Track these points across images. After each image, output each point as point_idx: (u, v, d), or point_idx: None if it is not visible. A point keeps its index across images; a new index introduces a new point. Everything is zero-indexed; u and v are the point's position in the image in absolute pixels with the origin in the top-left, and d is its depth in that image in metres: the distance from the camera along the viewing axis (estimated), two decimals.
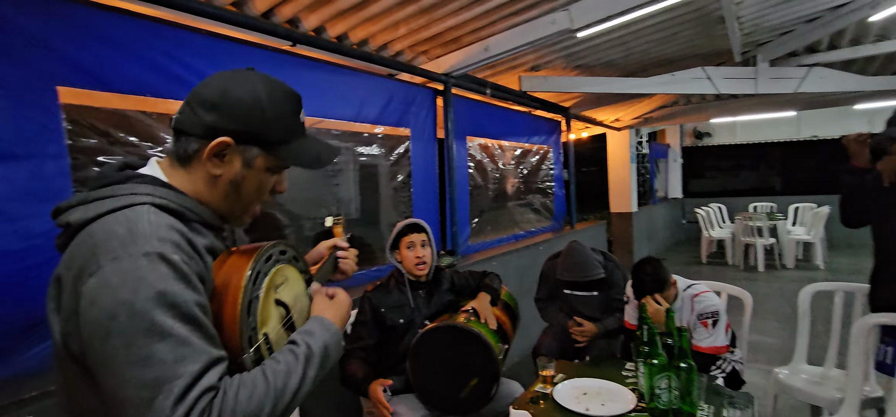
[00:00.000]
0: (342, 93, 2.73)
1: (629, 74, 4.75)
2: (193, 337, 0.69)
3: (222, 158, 0.81)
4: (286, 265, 0.93)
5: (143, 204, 0.74)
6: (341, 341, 0.90)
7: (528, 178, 5.00)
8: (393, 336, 2.15)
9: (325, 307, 0.94)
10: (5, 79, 1.49)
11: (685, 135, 10.69)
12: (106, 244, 0.69)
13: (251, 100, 0.80)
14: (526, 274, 4.20)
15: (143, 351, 0.65)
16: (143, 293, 0.66)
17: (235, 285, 0.79)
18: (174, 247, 0.71)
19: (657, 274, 2.13)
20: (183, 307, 0.68)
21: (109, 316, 0.65)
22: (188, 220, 0.80)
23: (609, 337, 2.72)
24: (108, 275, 0.66)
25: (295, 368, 0.78)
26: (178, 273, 0.69)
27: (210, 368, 0.69)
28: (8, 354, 1.52)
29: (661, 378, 1.55)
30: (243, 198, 0.87)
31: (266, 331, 0.84)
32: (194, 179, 0.83)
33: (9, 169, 1.49)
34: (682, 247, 9.43)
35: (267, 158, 0.84)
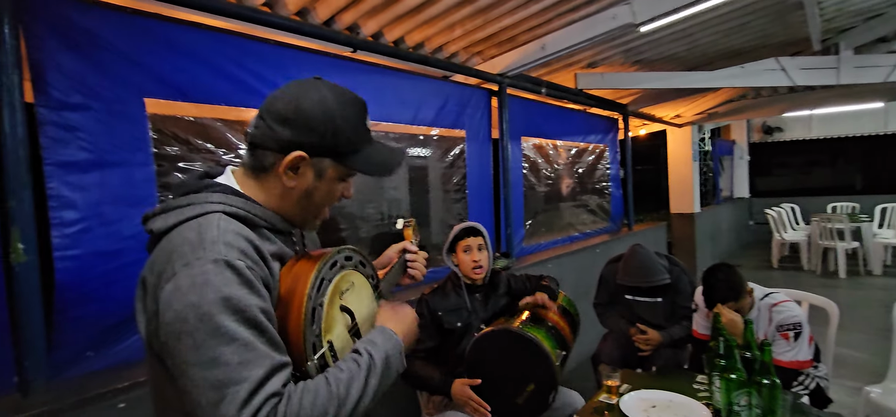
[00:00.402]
0: (400, 97, 2.77)
1: (693, 68, 4.50)
2: (257, 341, 0.71)
3: (296, 171, 0.84)
4: (352, 271, 0.94)
5: (215, 212, 0.78)
6: (403, 353, 0.89)
7: (583, 178, 4.86)
8: (450, 339, 2.15)
9: (389, 317, 0.94)
10: (100, 92, 1.62)
11: (753, 131, 10.02)
12: (180, 250, 0.73)
13: (322, 114, 0.82)
14: (582, 278, 4.08)
15: (210, 353, 0.68)
16: (209, 297, 0.69)
17: (299, 292, 0.80)
18: (240, 254, 0.74)
19: (731, 281, 2.00)
20: (246, 312, 0.71)
21: (180, 318, 0.69)
22: (257, 226, 0.83)
23: (675, 347, 2.59)
24: (180, 280, 0.70)
25: (357, 377, 0.78)
26: (242, 278, 0.72)
27: (274, 374, 0.71)
28: (103, 347, 1.65)
29: (741, 395, 1.45)
30: (315, 205, 0.89)
31: (330, 339, 0.84)
32: (268, 189, 0.86)
33: (104, 175, 1.62)
34: (750, 251, 8.84)
35: (338, 168, 0.86)
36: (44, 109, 1.51)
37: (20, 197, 1.41)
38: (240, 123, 2.07)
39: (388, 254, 1.21)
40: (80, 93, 1.57)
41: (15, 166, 1.40)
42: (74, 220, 1.56)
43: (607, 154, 5.18)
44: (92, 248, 1.59)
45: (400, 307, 0.99)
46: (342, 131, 0.83)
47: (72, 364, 1.60)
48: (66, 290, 1.54)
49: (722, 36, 3.84)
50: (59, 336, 1.55)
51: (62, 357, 1.57)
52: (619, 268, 2.68)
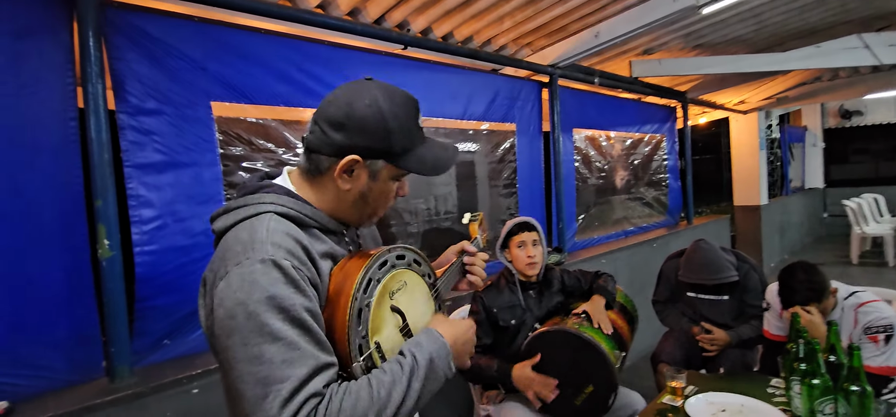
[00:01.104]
0: (450, 92, 2.77)
1: (761, 50, 4.20)
2: (302, 341, 0.71)
3: (351, 174, 0.84)
4: (405, 269, 0.93)
5: (267, 212, 0.80)
6: (451, 356, 0.86)
7: (638, 170, 4.67)
8: (505, 337, 2.13)
9: (441, 320, 0.92)
10: (172, 97, 1.73)
11: (828, 115, 9.23)
12: (233, 249, 0.76)
13: (375, 117, 0.82)
14: (637, 273, 3.93)
15: (256, 350, 0.69)
16: (256, 295, 0.70)
17: (346, 293, 0.80)
18: (286, 253, 0.75)
19: (813, 281, 1.84)
20: (291, 311, 0.71)
21: (230, 315, 0.71)
22: (307, 227, 0.84)
23: (743, 348, 2.43)
24: (231, 279, 0.72)
25: (399, 380, 0.77)
26: (288, 278, 0.73)
27: (317, 373, 0.71)
28: (178, 335, 1.77)
29: (826, 403, 1.34)
30: (370, 206, 0.90)
31: (378, 339, 0.84)
32: (323, 191, 0.87)
33: (176, 175, 1.73)
34: (824, 245, 8.18)
35: (391, 168, 0.86)
36: (123, 115, 1.63)
37: (105, 197, 1.53)
38: (297, 123, 2.14)
39: (447, 255, 1.19)
40: (155, 99, 1.68)
41: (101, 169, 1.52)
42: (152, 218, 1.67)
43: (664, 144, 4.95)
44: (167, 244, 1.70)
45: (457, 317, 0.99)
46: (395, 133, 0.83)
47: (151, 352, 1.72)
48: (145, 282, 1.66)
49: (795, 14, 3.55)
50: (140, 325, 1.68)
51: (143, 344, 1.70)
52: (681, 264, 2.55)
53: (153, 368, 1.68)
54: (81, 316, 1.56)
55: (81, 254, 1.56)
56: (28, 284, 1.46)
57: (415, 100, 0.89)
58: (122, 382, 1.55)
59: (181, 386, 1.61)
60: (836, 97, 6.78)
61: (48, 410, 1.41)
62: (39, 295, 1.48)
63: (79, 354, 1.56)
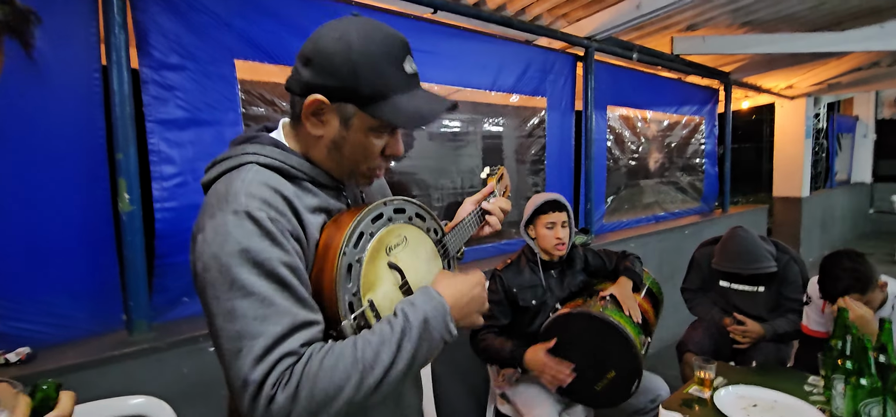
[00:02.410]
0: (479, 61, 2.67)
1: (816, 30, 3.91)
2: (277, 296, 0.67)
3: (320, 117, 0.76)
4: (405, 224, 0.85)
5: (248, 163, 0.75)
6: (448, 317, 0.77)
7: (674, 153, 4.47)
8: (524, 317, 2.06)
9: (442, 278, 0.83)
10: (195, 53, 1.69)
11: (883, 105, 8.66)
12: (209, 202, 0.72)
13: (341, 52, 0.72)
14: (667, 260, 3.79)
15: (229, 305, 0.66)
16: (228, 248, 0.66)
17: (334, 247, 0.74)
18: (261, 204, 0.69)
19: (858, 270, 1.71)
20: (266, 264, 0.67)
21: (206, 268, 0.68)
22: (295, 178, 0.78)
23: (778, 343, 2.30)
24: (206, 232, 0.69)
25: (388, 340, 0.70)
26: (262, 230, 0.68)
27: (294, 332, 0.67)
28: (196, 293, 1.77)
29: (873, 404, 1.23)
30: (347, 159, 0.80)
31: (372, 297, 0.77)
32: (301, 138, 0.81)
33: (199, 132, 1.71)
34: (869, 242, 7.74)
35: (364, 117, 0.76)
36: (146, 69, 1.60)
37: (127, 151, 1.52)
38: None
39: (465, 208, 1.10)
40: (178, 54, 1.65)
41: (122, 122, 1.51)
42: (172, 174, 1.66)
43: (703, 127, 4.71)
44: (188, 201, 1.69)
45: (464, 272, 0.88)
46: (364, 73, 0.72)
47: (170, 308, 1.74)
48: (164, 239, 1.66)
49: None
50: (159, 281, 1.69)
51: (162, 300, 1.71)
52: (716, 251, 2.42)
53: (171, 324, 1.70)
54: (102, 268, 1.57)
55: (103, 207, 1.56)
56: (51, 232, 1.48)
57: (401, 39, 0.77)
58: (140, 336, 1.57)
59: (197, 344, 1.62)
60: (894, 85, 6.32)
61: (68, 359, 1.43)
62: (61, 245, 1.50)
63: (99, 306, 1.58)
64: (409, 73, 0.78)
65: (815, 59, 4.47)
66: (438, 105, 0.80)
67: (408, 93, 0.78)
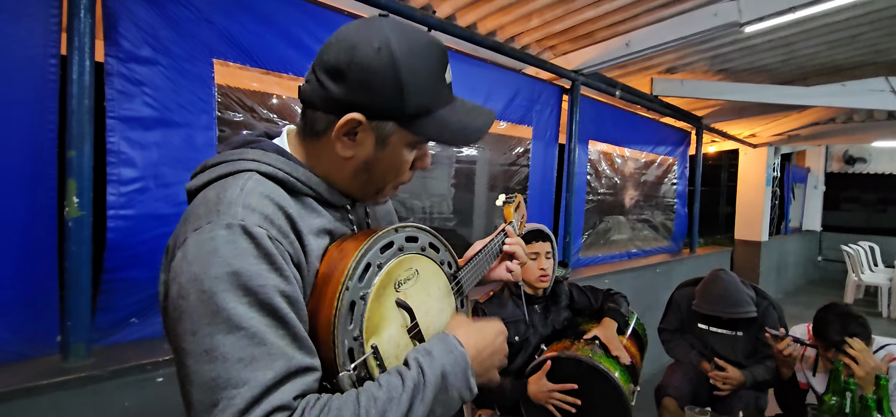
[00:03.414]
0: (469, 84, 2.60)
1: (784, 82, 4.10)
2: (270, 333, 0.55)
3: (353, 137, 0.66)
4: (417, 255, 0.74)
5: (247, 170, 0.63)
6: (470, 372, 0.66)
7: (648, 192, 4.54)
8: None
9: (461, 323, 0.73)
10: (170, 48, 1.53)
11: (831, 159, 9.23)
12: (195, 212, 0.60)
13: (385, 66, 0.62)
14: (639, 297, 3.78)
15: (207, 342, 0.53)
16: (214, 269, 0.54)
17: (336, 278, 0.62)
18: (262, 219, 0.58)
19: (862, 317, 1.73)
20: (260, 292, 0.55)
21: (182, 295, 0.55)
22: (299, 193, 0.66)
23: (756, 390, 2.29)
24: (188, 248, 0.56)
25: (397, 398, 0.59)
26: (260, 250, 0.56)
27: (288, 379, 0.55)
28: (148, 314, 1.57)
29: None
30: (377, 179, 0.71)
31: (376, 341, 0.65)
32: (320, 156, 0.69)
33: (166, 134, 1.53)
34: (817, 289, 8.12)
35: (405, 134, 0.67)
36: (113, 59, 1.43)
37: (81, 149, 1.34)
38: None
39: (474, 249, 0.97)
40: (150, 47, 1.49)
41: (79, 115, 1.33)
42: (132, 178, 1.47)
43: (676, 168, 4.83)
44: (146, 210, 1.50)
45: (483, 319, 0.78)
46: (410, 88, 0.63)
47: (116, 329, 1.53)
48: (116, 251, 1.46)
49: (825, 48, 3.44)
50: (105, 298, 1.48)
51: (106, 321, 1.50)
52: (697, 293, 2.40)
53: (114, 349, 1.48)
54: (37, 280, 1.36)
55: (46, 211, 1.36)
56: None
57: (442, 47, 0.68)
58: (76, 362, 1.35)
59: (145, 373, 1.41)
60: (846, 140, 6.75)
61: None
62: None
63: (30, 324, 1.36)
64: (448, 84, 0.70)
65: (781, 111, 4.69)
66: (484, 118, 0.71)
67: (450, 106, 0.69)
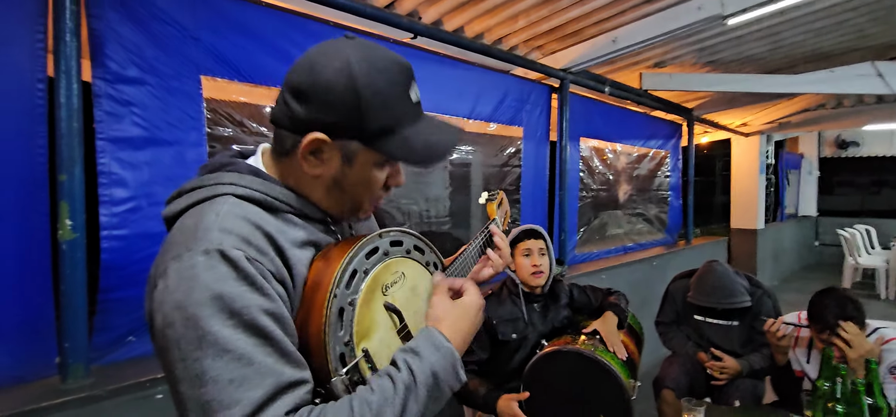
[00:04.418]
0: (458, 89, 2.62)
1: (772, 71, 4.13)
2: (258, 353, 0.57)
3: (319, 156, 0.68)
4: (402, 258, 0.76)
5: (225, 194, 0.64)
6: (458, 366, 0.68)
7: (641, 186, 4.56)
8: (504, 351, 1.97)
9: (443, 314, 0.73)
10: (157, 67, 1.55)
11: (824, 144, 9.27)
12: (174, 241, 0.61)
13: (344, 86, 0.63)
14: (636, 291, 3.80)
15: (197, 367, 0.55)
16: (196, 296, 0.56)
17: (323, 289, 0.64)
18: (239, 241, 0.59)
19: (857, 301, 1.75)
20: (244, 313, 0.57)
21: (167, 323, 0.57)
22: (278, 211, 0.68)
23: (753, 378, 2.31)
24: (169, 277, 0.58)
25: (390, 400, 0.60)
26: (239, 273, 0.58)
27: (279, 395, 0.56)
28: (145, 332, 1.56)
29: None
30: (349, 196, 0.72)
31: (367, 345, 0.67)
32: (292, 174, 0.71)
33: (157, 153, 1.55)
34: (814, 273, 8.17)
35: (370, 153, 0.68)
36: (100, 81, 1.44)
37: (72, 172, 1.35)
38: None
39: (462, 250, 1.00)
40: (138, 67, 1.50)
41: (68, 139, 1.34)
42: (124, 199, 1.49)
43: (668, 161, 4.85)
44: (139, 229, 1.52)
45: (462, 286, 0.78)
46: (371, 107, 0.64)
47: (113, 349, 1.54)
48: (111, 271, 1.47)
49: (811, 36, 3.47)
50: (102, 318, 1.49)
51: (104, 340, 1.51)
52: (692, 285, 2.42)
53: (113, 368, 1.49)
54: (33, 304, 1.37)
55: (39, 234, 1.37)
56: None
57: (406, 65, 0.69)
58: (75, 382, 1.36)
59: (144, 390, 1.42)
60: (837, 126, 6.79)
61: None
62: None
63: (27, 348, 1.37)
64: (414, 102, 0.70)
65: (772, 99, 4.72)
66: (449, 135, 0.72)
67: (415, 125, 0.69)
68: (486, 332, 1.97)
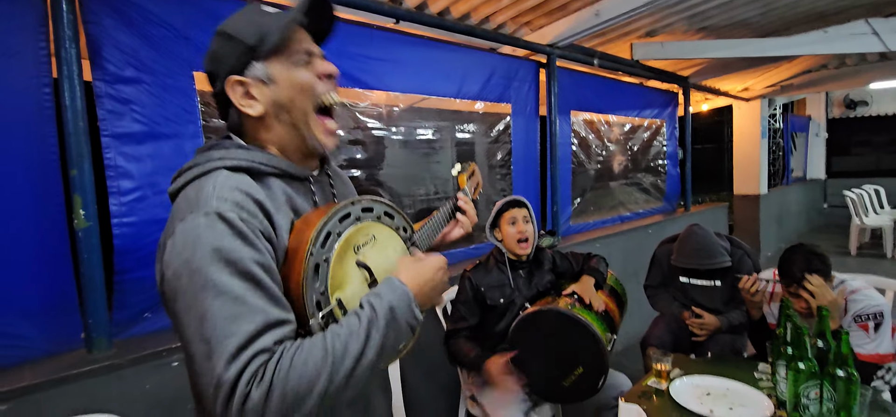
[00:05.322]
0: (444, 70, 2.71)
1: (766, 34, 4.11)
2: (249, 295, 0.68)
3: (248, 95, 0.81)
4: (373, 223, 0.88)
5: (216, 168, 0.77)
6: (413, 304, 0.80)
7: (637, 156, 4.61)
8: (492, 316, 2.11)
9: (404, 268, 0.86)
10: (152, 66, 1.68)
11: (832, 105, 9.12)
12: (180, 208, 0.74)
13: (218, 40, 0.82)
14: (631, 258, 3.90)
15: (201, 308, 0.66)
16: (200, 250, 0.67)
17: (302, 247, 0.76)
18: (233, 206, 0.71)
19: (823, 255, 1.82)
20: (239, 263, 0.68)
21: (176, 276, 0.69)
22: (264, 176, 0.80)
23: (733, 333, 2.41)
24: (176, 238, 0.70)
25: (356, 332, 0.72)
26: (234, 230, 0.70)
27: (267, 330, 0.68)
28: (159, 309, 1.74)
29: (811, 387, 1.32)
30: (296, 107, 0.83)
31: (340, 296, 0.79)
32: (259, 138, 0.85)
33: (157, 146, 1.69)
34: (822, 236, 8.13)
35: (274, 62, 0.82)
36: (100, 83, 1.58)
37: (81, 166, 1.50)
38: None
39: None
40: (133, 67, 1.64)
41: (76, 137, 1.49)
42: (130, 189, 1.64)
43: (664, 130, 4.88)
44: (147, 216, 1.67)
45: (424, 256, 0.91)
46: (239, 34, 0.81)
47: (132, 325, 1.71)
48: (124, 255, 1.63)
49: None
50: (119, 297, 1.65)
51: (123, 317, 1.68)
52: (674, 249, 2.52)
53: (133, 341, 1.67)
54: (58, 286, 1.53)
55: (57, 224, 1.53)
56: (1, 251, 1.43)
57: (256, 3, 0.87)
58: (100, 353, 1.54)
59: (161, 359, 1.59)
60: (841, 86, 6.69)
61: (25, 379, 1.39)
62: (14, 264, 1.46)
63: (56, 325, 1.54)
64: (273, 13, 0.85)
65: (767, 63, 4.70)
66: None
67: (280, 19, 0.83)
68: (475, 299, 2.10)
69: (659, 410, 1.51)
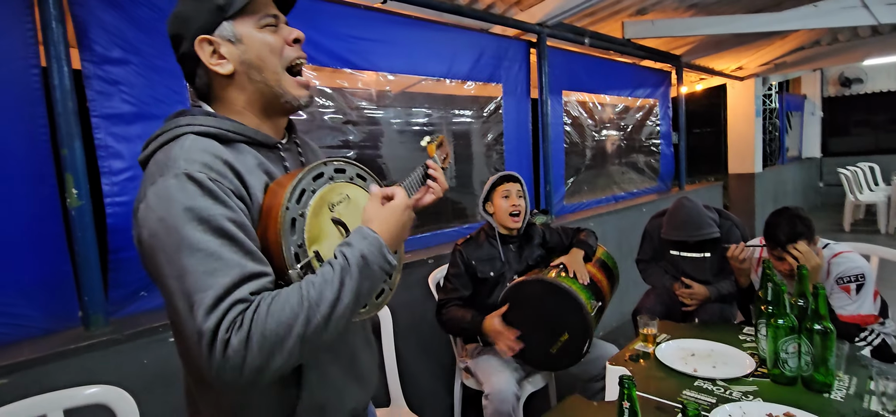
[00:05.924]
0: (433, 50, 2.72)
1: (758, 10, 4.10)
2: (225, 250, 0.70)
3: (217, 54, 0.83)
4: (346, 183, 0.91)
5: (185, 133, 0.79)
6: (384, 250, 0.82)
7: (630, 136, 4.63)
8: (483, 289, 2.14)
9: (373, 214, 0.87)
10: (139, 47, 1.69)
11: (828, 83, 9.12)
12: (150, 172, 0.76)
13: (182, 4, 0.84)
14: (626, 236, 3.94)
15: (179, 264, 0.69)
16: (174, 210, 0.70)
17: (277, 204, 0.79)
18: (201, 167, 0.73)
19: (806, 219, 1.84)
20: (212, 221, 0.70)
21: (152, 234, 0.71)
22: (230, 141, 0.82)
23: (722, 303, 2.45)
24: (149, 199, 0.72)
25: (330, 280, 0.75)
26: (203, 189, 0.72)
27: (243, 282, 0.70)
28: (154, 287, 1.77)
29: (789, 342, 1.35)
30: (267, 66, 0.85)
31: (317, 249, 0.82)
32: (226, 99, 0.86)
33: (147, 126, 1.70)
34: (818, 213, 8.17)
35: (238, 21, 0.83)
36: (88, 64, 1.60)
37: (72, 146, 1.51)
38: None
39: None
40: (121, 48, 1.65)
41: (65, 117, 1.50)
42: (122, 169, 1.66)
43: (657, 109, 4.89)
44: None
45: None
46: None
47: (129, 303, 1.74)
48: (117, 233, 1.66)
49: None
50: (114, 276, 1.68)
51: (119, 295, 1.71)
52: (664, 222, 2.55)
53: (130, 318, 1.70)
54: (53, 265, 1.56)
55: (51, 204, 1.55)
56: None
57: None
58: (97, 330, 1.57)
59: (157, 334, 1.62)
60: (835, 62, 6.68)
61: (24, 354, 1.42)
62: (9, 243, 1.48)
63: (53, 303, 1.57)
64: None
65: (760, 39, 4.69)
66: None
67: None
68: (467, 272, 2.14)
69: (645, 371, 1.55)
